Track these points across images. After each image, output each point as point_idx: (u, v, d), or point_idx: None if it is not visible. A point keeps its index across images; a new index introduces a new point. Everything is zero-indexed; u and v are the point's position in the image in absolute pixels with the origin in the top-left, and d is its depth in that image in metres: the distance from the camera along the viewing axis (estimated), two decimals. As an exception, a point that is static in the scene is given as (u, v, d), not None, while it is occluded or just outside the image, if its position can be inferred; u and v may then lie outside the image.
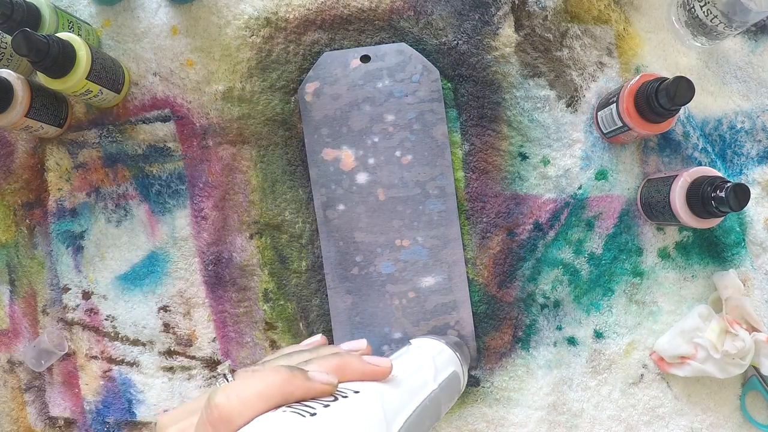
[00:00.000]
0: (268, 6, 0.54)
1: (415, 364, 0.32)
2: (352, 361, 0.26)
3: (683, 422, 0.53)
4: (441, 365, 0.34)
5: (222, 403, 0.21)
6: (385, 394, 0.26)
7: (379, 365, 0.27)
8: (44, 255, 0.56)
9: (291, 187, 0.54)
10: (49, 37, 0.45)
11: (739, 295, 0.51)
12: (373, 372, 0.27)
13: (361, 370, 0.26)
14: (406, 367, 0.31)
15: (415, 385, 0.30)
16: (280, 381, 0.22)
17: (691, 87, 0.43)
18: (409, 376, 0.30)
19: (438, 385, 0.32)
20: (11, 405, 0.56)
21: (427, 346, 0.35)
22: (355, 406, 0.24)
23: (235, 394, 0.21)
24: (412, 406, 0.27)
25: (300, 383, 0.23)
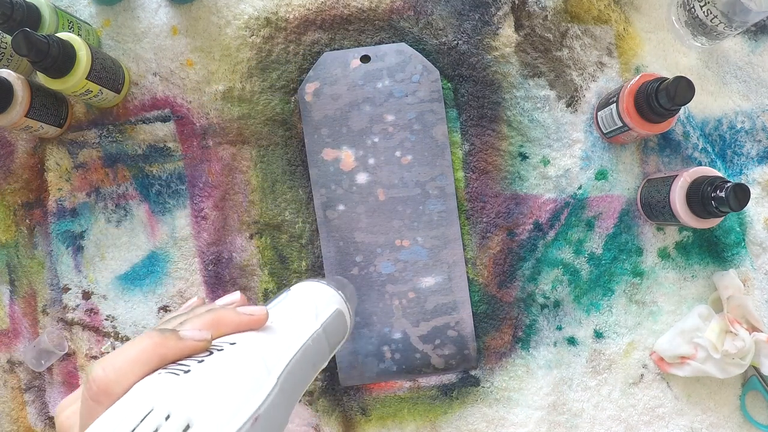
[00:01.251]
0: (268, 6, 0.54)
1: (294, 308, 0.31)
2: (226, 314, 0.26)
3: (683, 422, 0.53)
4: (322, 305, 0.33)
5: (99, 375, 0.21)
6: (263, 341, 0.26)
7: (254, 314, 0.27)
8: (44, 255, 0.56)
9: (291, 187, 0.54)
10: (49, 37, 0.45)
11: (741, 294, 0.51)
12: (248, 321, 0.26)
13: (236, 322, 0.26)
14: (285, 312, 0.30)
15: (295, 328, 0.29)
16: (152, 344, 0.22)
17: (691, 87, 0.43)
18: (288, 320, 0.29)
19: (321, 325, 0.31)
20: (11, 405, 0.56)
21: (307, 289, 0.34)
22: (230, 357, 0.23)
23: (111, 365, 0.21)
24: (293, 350, 0.27)
25: (172, 344, 0.23)
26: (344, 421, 0.54)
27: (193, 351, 0.23)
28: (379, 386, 0.54)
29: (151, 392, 0.20)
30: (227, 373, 0.22)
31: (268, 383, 0.23)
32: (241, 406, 0.21)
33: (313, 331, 0.30)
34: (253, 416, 0.21)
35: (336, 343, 0.33)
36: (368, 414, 0.54)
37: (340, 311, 0.34)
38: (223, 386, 0.21)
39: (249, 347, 0.25)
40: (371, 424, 0.54)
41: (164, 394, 0.20)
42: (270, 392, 0.23)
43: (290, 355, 0.26)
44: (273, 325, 0.28)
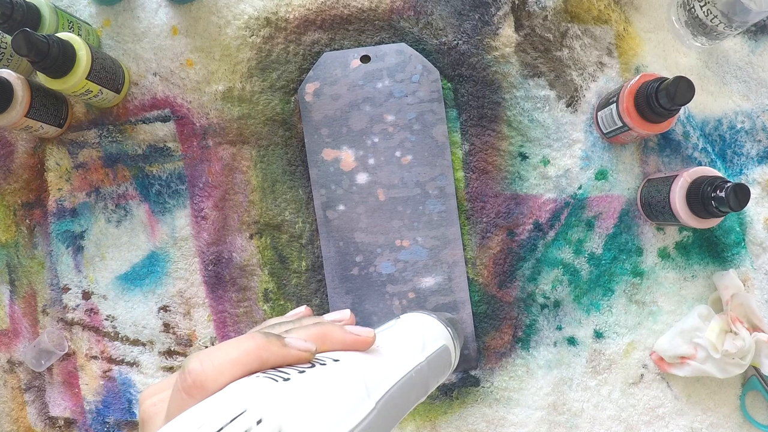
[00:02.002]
0: (268, 6, 0.54)
1: (402, 336, 0.31)
2: (334, 330, 0.26)
3: (683, 422, 0.53)
4: (430, 339, 0.32)
5: (196, 369, 0.20)
6: (367, 363, 0.25)
7: (362, 335, 0.26)
8: (44, 255, 0.56)
9: (291, 187, 0.54)
10: (49, 37, 0.45)
11: (745, 293, 0.51)
12: (354, 341, 0.26)
13: (342, 339, 0.26)
14: (392, 339, 0.30)
15: (400, 357, 0.29)
16: (255, 347, 0.22)
17: (691, 87, 0.43)
18: (395, 348, 0.29)
19: (425, 358, 0.30)
20: (11, 405, 0.56)
21: (417, 320, 0.34)
22: (332, 373, 0.23)
23: (209, 360, 0.20)
24: (395, 377, 0.26)
25: (276, 349, 0.22)
26: (344, 421, 0.54)
27: (295, 360, 0.23)
28: (379, 386, 0.54)
29: (246, 394, 0.20)
30: (327, 388, 0.22)
31: (367, 406, 0.23)
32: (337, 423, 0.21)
33: (418, 363, 0.29)
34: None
35: (438, 377, 0.32)
36: (368, 414, 0.54)
37: (446, 347, 0.34)
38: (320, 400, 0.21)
39: (352, 367, 0.24)
40: (371, 424, 0.54)
41: (259, 398, 0.19)
42: (367, 415, 0.22)
43: (392, 383, 0.26)
44: (379, 350, 0.27)
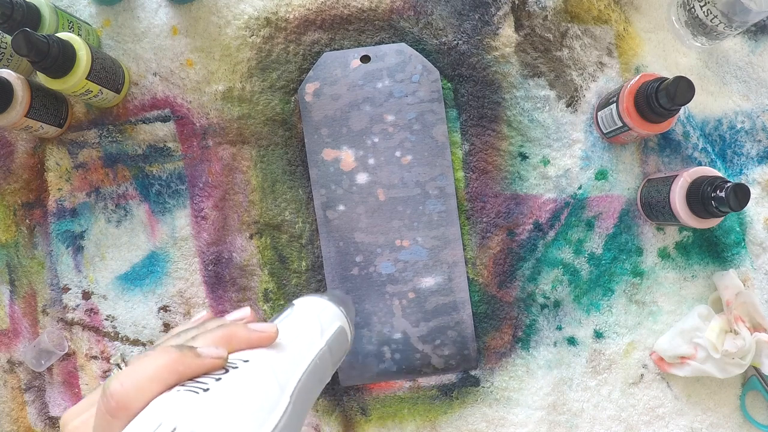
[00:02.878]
0: (268, 6, 0.54)
1: (300, 324, 0.32)
2: (238, 331, 0.26)
3: (683, 422, 0.53)
4: (326, 322, 0.33)
5: (117, 390, 0.21)
6: (275, 359, 0.26)
7: (265, 331, 0.27)
8: (44, 255, 0.56)
9: (291, 187, 0.54)
10: (49, 37, 0.45)
11: (750, 291, 0.51)
12: (259, 338, 0.27)
13: (248, 338, 0.26)
14: (292, 328, 0.31)
15: (302, 345, 0.29)
16: (171, 361, 0.22)
17: (691, 87, 0.43)
18: (296, 337, 0.30)
19: (325, 342, 0.31)
20: (11, 405, 0.56)
21: (310, 305, 0.35)
22: (246, 375, 0.24)
23: (129, 380, 0.21)
24: (302, 367, 0.27)
25: (190, 361, 0.23)
26: (344, 421, 0.54)
27: (210, 368, 0.23)
28: (379, 386, 0.54)
29: (171, 410, 0.20)
30: (245, 393, 0.22)
31: (283, 401, 0.23)
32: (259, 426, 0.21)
33: (319, 349, 0.30)
34: None
35: (338, 360, 0.33)
36: (368, 414, 0.54)
37: (342, 328, 0.35)
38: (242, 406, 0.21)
39: (263, 366, 0.25)
40: (371, 424, 0.54)
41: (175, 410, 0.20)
42: (285, 411, 0.23)
43: (300, 373, 0.27)
44: (282, 342, 0.28)
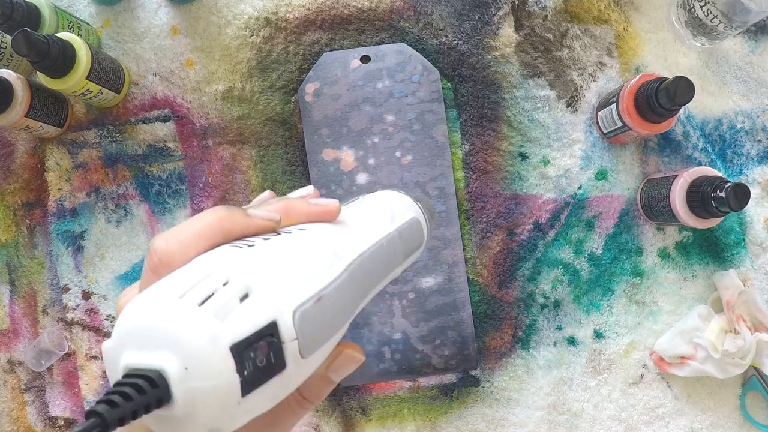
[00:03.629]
0: (268, 6, 0.54)
1: (370, 209, 0.30)
2: (297, 203, 0.25)
3: (683, 422, 0.53)
4: (399, 211, 0.31)
5: (161, 247, 0.20)
6: (334, 231, 0.25)
7: (327, 205, 0.26)
8: (44, 255, 0.56)
9: (291, 187, 0.54)
10: (49, 37, 0.45)
11: (752, 290, 0.51)
12: (319, 212, 0.25)
13: (307, 211, 0.25)
14: (360, 212, 0.29)
15: (368, 227, 0.28)
16: (218, 218, 0.21)
17: (691, 87, 0.43)
18: (362, 219, 0.28)
19: (396, 228, 0.29)
20: (11, 405, 0.56)
21: (384, 195, 0.33)
22: (299, 238, 0.23)
23: (174, 237, 0.20)
24: (366, 244, 0.26)
25: (239, 219, 0.22)
26: (344, 421, 0.54)
27: (260, 230, 0.23)
28: (379, 386, 0.54)
29: (212, 260, 0.20)
30: (293, 251, 0.22)
31: (336, 268, 0.22)
32: (305, 283, 0.21)
33: (388, 233, 0.29)
34: (317, 295, 0.21)
35: (411, 250, 0.31)
36: (368, 414, 0.54)
37: (416, 219, 0.32)
38: (287, 262, 0.21)
39: (319, 233, 0.24)
40: (371, 424, 0.54)
41: (225, 262, 0.19)
42: (337, 277, 0.22)
43: (362, 249, 0.25)
44: (346, 221, 0.27)
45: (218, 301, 0.18)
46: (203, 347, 0.17)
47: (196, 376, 0.17)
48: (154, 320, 0.17)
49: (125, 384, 0.16)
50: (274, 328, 0.19)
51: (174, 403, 0.17)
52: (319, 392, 0.25)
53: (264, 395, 0.19)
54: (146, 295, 0.18)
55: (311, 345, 0.20)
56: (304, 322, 0.20)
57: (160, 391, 0.17)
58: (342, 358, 0.25)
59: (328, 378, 0.25)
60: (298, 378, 0.20)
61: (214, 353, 0.17)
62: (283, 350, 0.19)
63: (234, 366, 0.17)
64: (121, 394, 0.16)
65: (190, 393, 0.17)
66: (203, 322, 0.17)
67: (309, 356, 0.20)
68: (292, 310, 0.19)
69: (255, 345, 0.18)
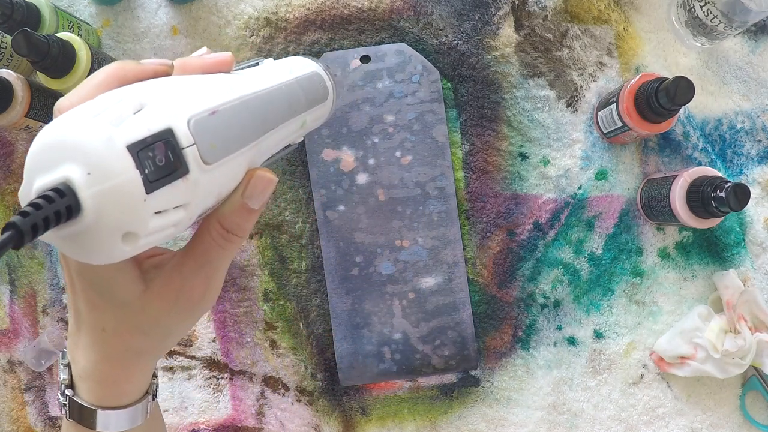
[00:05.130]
0: (268, 6, 0.54)
1: (266, 66, 0.31)
2: (191, 59, 0.27)
3: (683, 422, 0.53)
4: (297, 66, 0.33)
5: (64, 105, 0.22)
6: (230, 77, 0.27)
7: (220, 56, 0.27)
8: (44, 255, 0.56)
9: (291, 187, 0.54)
10: (49, 37, 0.45)
11: (754, 288, 0.51)
12: (213, 63, 0.26)
13: (201, 63, 0.26)
14: (258, 69, 0.30)
15: (267, 75, 0.29)
16: (112, 68, 0.23)
17: (691, 87, 0.43)
18: (259, 71, 0.30)
19: (295, 77, 0.31)
20: (11, 405, 0.56)
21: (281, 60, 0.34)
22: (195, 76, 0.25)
23: (75, 93, 0.23)
24: (262, 85, 0.27)
25: (132, 66, 0.24)
26: (344, 421, 0.54)
27: (153, 74, 0.24)
28: (379, 386, 0.54)
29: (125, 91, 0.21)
30: (189, 79, 0.24)
31: (231, 95, 0.24)
32: (199, 99, 0.22)
33: (286, 79, 0.30)
34: (211, 110, 0.22)
35: (314, 101, 0.32)
36: (368, 414, 0.54)
37: (317, 73, 0.34)
38: (182, 84, 0.23)
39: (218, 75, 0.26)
40: (371, 424, 0.54)
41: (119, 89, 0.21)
42: (232, 100, 0.24)
43: (259, 87, 0.27)
44: (242, 73, 0.28)
45: (113, 113, 0.19)
46: (101, 149, 0.18)
47: (99, 178, 0.18)
48: (52, 138, 0.19)
49: (36, 200, 0.17)
50: (171, 135, 0.20)
51: (83, 211, 0.18)
52: (241, 222, 0.26)
53: (171, 195, 0.20)
54: (47, 125, 0.20)
55: (211, 151, 0.22)
56: (199, 129, 0.21)
57: (68, 199, 0.18)
58: (254, 180, 0.26)
59: (245, 205, 0.25)
60: (206, 185, 0.22)
61: (111, 153, 0.18)
62: (182, 154, 0.20)
63: (133, 163, 0.19)
64: (32, 205, 0.17)
65: (96, 197, 0.18)
66: (99, 128, 0.19)
67: (213, 163, 0.22)
68: (187, 119, 0.21)
69: (152, 146, 0.19)
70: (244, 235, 0.26)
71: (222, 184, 0.23)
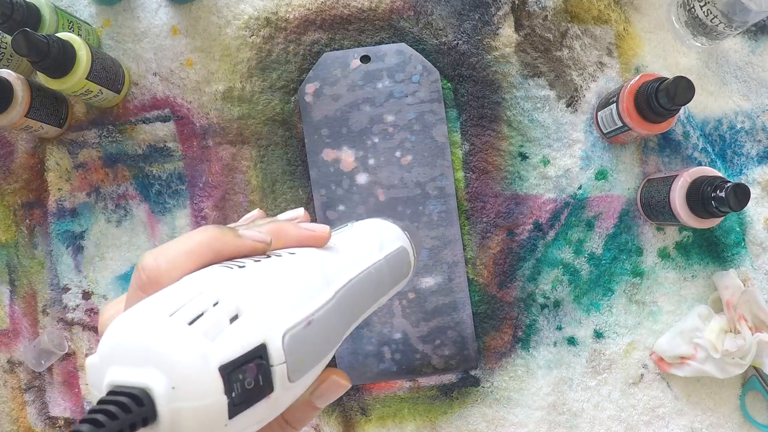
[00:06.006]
0: (268, 6, 0.54)
1: (359, 236, 0.30)
2: (288, 226, 0.25)
3: (683, 422, 0.53)
4: (387, 240, 0.32)
5: (150, 264, 0.20)
6: (325, 257, 0.25)
7: (317, 231, 0.26)
8: (44, 255, 0.56)
9: (291, 187, 0.54)
10: (49, 37, 0.45)
11: (754, 288, 0.51)
12: (310, 236, 0.25)
13: (297, 235, 0.25)
14: (349, 239, 0.30)
15: (357, 253, 0.28)
16: (208, 238, 0.21)
17: (691, 87, 0.43)
18: (352, 245, 0.28)
19: (384, 256, 0.30)
20: (11, 405, 0.56)
21: (372, 223, 0.33)
22: (289, 261, 0.23)
23: (163, 255, 0.20)
24: (354, 271, 0.26)
25: (230, 239, 0.21)
26: (344, 421, 0.54)
27: (250, 251, 0.22)
28: (379, 386, 0.54)
29: (202, 280, 0.19)
30: (284, 274, 0.21)
31: (326, 293, 0.22)
32: (295, 307, 0.20)
33: (376, 260, 0.29)
34: (307, 319, 0.20)
35: (398, 279, 0.32)
36: (368, 414, 0.54)
37: (404, 248, 0.33)
38: (278, 284, 0.21)
39: (310, 258, 0.24)
40: (371, 424, 0.54)
41: (215, 282, 0.19)
42: (327, 302, 0.22)
43: (351, 275, 0.26)
44: (336, 247, 0.27)
45: (208, 321, 0.18)
46: (192, 367, 0.17)
47: (183, 395, 0.17)
48: (142, 337, 0.17)
49: (110, 402, 0.16)
50: (264, 351, 0.19)
51: (159, 423, 0.17)
52: (302, 417, 0.25)
53: (250, 418, 0.19)
54: (134, 312, 0.18)
55: (299, 369, 0.20)
56: (293, 345, 0.19)
57: (145, 410, 0.16)
58: (327, 384, 0.25)
59: (312, 403, 0.25)
60: (284, 402, 0.20)
61: (204, 373, 0.17)
62: (271, 373, 0.19)
63: (222, 387, 0.17)
64: (105, 412, 0.15)
65: (176, 413, 0.17)
66: (193, 341, 0.17)
67: (297, 380, 0.20)
68: (282, 333, 0.19)
69: (244, 367, 0.18)
70: (301, 427, 0.25)
71: (299, 393, 0.22)
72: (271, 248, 0.24)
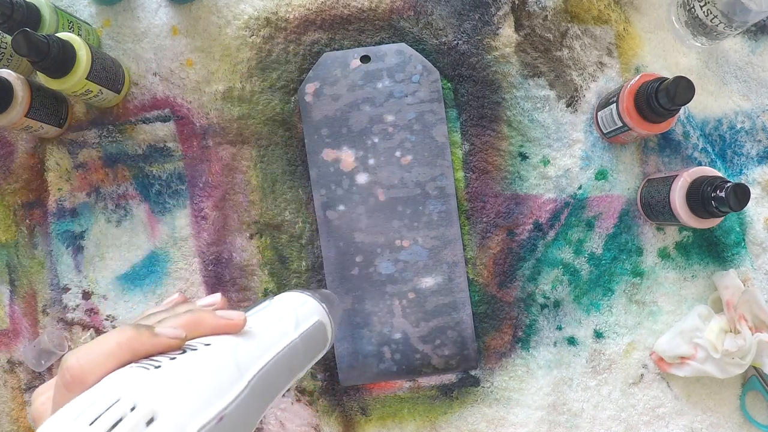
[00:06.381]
0: (268, 6, 0.54)
1: (274, 316, 0.32)
2: (204, 316, 0.27)
3: (683, 422, 0.53)
4: (303, 316, 0.33)
5: (73, 365, 0.22)
6: (238, 344, 0.26)
7: (232, 318, 0.27)
8: (44, 255, 0.56)
9: (291, 187, 0.54)
10: (49, 37, 0.45)
11: (754, 288, 0.51)
12: (226, 325, 0.27)
13: (213, 324, 0.26)
14: (264, 319, 0.31)
15: (272, 335, 0.29)
16: (126, 339, 0.23)
17: (691, 87, 0.43)
18: (267, 327, 0.30)
19: (299, 335, 0.31)
20: (11, 405, 0.56)
21: (289, 299, 0.35)
22: (202, 356, 0.24)
23: (85, 356, 0.22)
24: (268, 356, 0.27)
25: (146, 339, 0.23)
26: (344, 421, 0.54)
27: (166, 348, 0.24)
28: (379, 386, 0.54)
29: (120, 384, 0.21)
30: (197, 371, 0.23)
31: (239, 385, 0.24)
32: (208, 404, 0.22)
33: (291, 341, 0.30)
34: (219, 415, 0.22)
35: (313, 354, 0.33)
36: (368, 414, 0.54)
37: (321, 323, 0.34)
38: (191, 383, 0.22)
39: (223, 349, 0.25)
40: (371, 424, 0.54)
41: (132, 386, 0.21)
42: (239, 394, 0.23)
43: (264, 361, 0.27)
44: (251, 331, 0.28)
45: (126, 426, 0.19)
46: None
47: None
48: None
49: None
50: None
51: None
52: None
53: None
54: (57, 420, 0.19)
55: None
56: None
57: None
58: None
59: None
60: None
61: None
62: None
63: None
64: None
65: None
66: None
67: None
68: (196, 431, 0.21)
69: None
70: None
71: None
72: (188, 339, 0.25)
